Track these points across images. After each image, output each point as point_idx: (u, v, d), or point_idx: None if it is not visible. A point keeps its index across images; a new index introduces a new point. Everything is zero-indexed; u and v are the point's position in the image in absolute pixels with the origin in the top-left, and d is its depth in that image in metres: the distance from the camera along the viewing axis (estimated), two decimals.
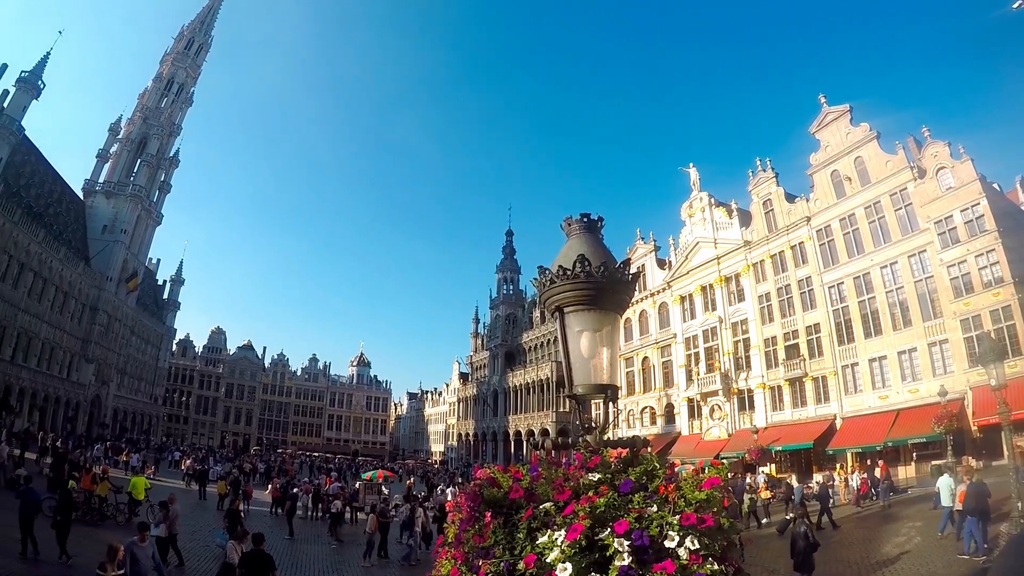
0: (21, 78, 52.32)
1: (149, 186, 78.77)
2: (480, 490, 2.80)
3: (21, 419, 49.37)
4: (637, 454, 2.82)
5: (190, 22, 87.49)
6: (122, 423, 73.18)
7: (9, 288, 51.79)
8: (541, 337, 69.97)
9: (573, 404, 3.67)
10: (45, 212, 61.01)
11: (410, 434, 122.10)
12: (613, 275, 3.31)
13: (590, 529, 2.25)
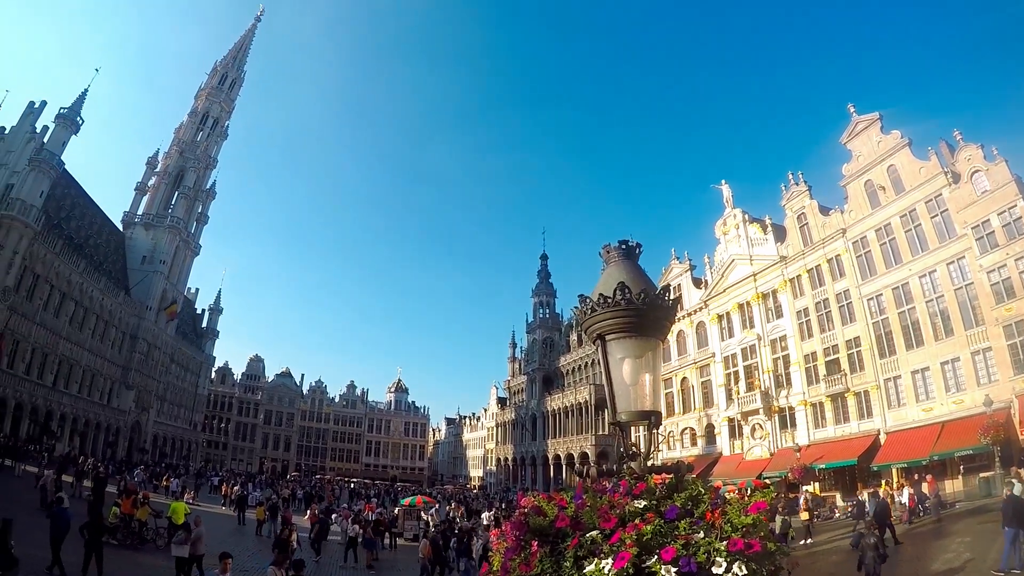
0: (60, 114, 53.65)
1: (187, 217, 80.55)
2: (526, 519, 2.81)
3: (62, 443, 50.33)
4: (681, 479, 2.81)
5: (223, 58, 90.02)
6: (162, 448, 73.96)
7: (51, 317, 53.29)
8: (578, 360, 69.51)
9: (614, 427, 3.54)
10: (85, 243, 62.71)
11: (448, 459, 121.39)
12: (654, 302, 3.32)
13: (637, 557, 2.24)
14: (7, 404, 47.04)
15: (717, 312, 49.57)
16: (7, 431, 44.73)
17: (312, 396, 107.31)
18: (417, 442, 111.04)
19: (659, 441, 3.30)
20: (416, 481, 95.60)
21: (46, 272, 52.08)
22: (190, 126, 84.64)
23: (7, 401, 46.99)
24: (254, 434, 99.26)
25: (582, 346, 68.93)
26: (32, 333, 50.51)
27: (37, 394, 50.90)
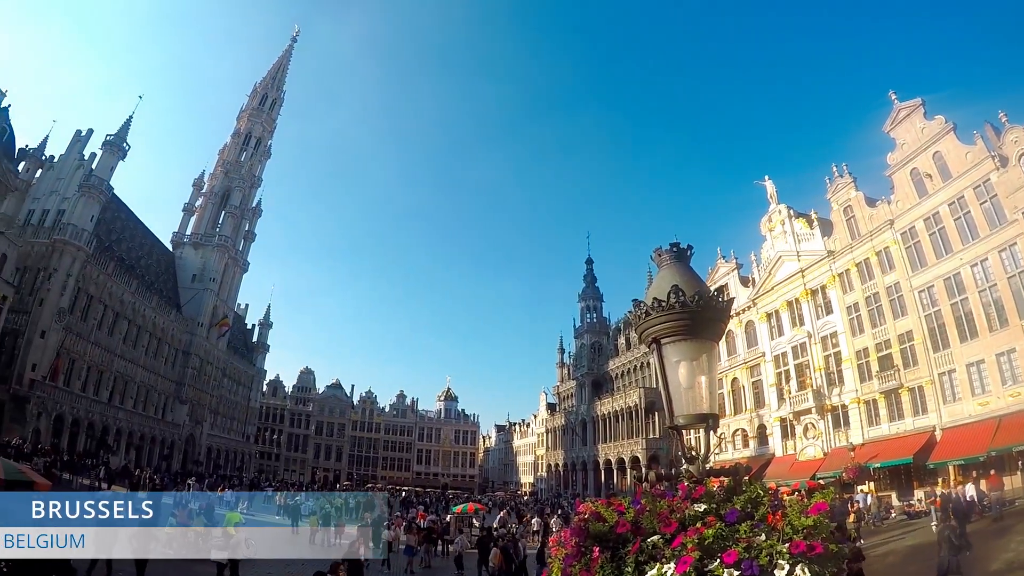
0: (107, 141, 55.73)
1: (234, 235, 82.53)
2: (586, 525, 2.81)
3: (118, 457, 52.20)
4: (740, 482, 2.81)
5: (262, 79, 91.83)
6: (216, 460, 75.57)
7: (105, 336, 55.45)
8: (627, 364, 69.26)
9: (667, 431, 3.57)
10: (137, 264, 64.98)
11: (499, 466, 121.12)
12: (708, 303, 3.30)
13: (699, 561, 2.23)
14: (64, 420, 49.06)
15: (766, 311, 48.72)
16: (65, 446, 46.66)
17: (362, 406, 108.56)
18: (467, 449, 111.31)
19: (720, 443, 3.12)
20: (467, 488, 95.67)
21: (99, 293, 54.21)
22: (233, 147, 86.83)
23: (64, 417, 49.01)
24: (306, 445, 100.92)
25: (631, 350, 68.71)
26: (87, 352, 52.62)
27: (93, 410, 52.93)
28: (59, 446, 45.14)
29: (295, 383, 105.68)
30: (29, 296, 47.24)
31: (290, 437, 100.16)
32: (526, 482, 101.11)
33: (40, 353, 46.53)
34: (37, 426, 45.18)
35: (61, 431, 48.50)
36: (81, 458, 43.90)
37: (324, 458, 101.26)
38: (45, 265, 48.76)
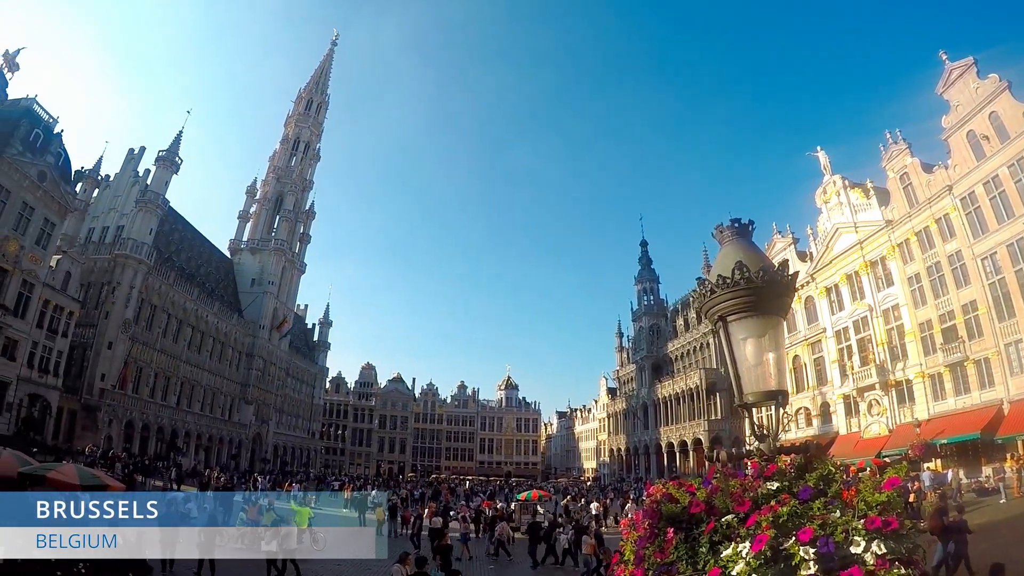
0: (159, 157, 57.75)
1: (290, 239, 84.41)
2: (658, 506, 2.82)
3: (188, 458, 54.66)
4: (811, 459, 2.78)
5: (306, 84, 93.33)
6: (283, 457, 78.08)
7: (170, 343, 58.02)
8: (687, 345, 68.51)
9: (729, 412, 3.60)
10: (197, 272, 67.55)
11: (561, 453, 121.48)
12: (773, 278, 3.26)
13: (774, 539, 2.22)
14: (135, 426, 51.64)
15: (825, 285, 47.48)
16: (136, 450, 49.16)
17: (424, 398, 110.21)
18: (529, 437, 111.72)
19: (786, 421, 3.13)
20: (530, 476, 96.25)
21: (162, 302, 56.73)
22: (283, 152, 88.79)
23: (134, 423, 51.59)
24: (370, 439, 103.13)
25: (689, 331, 68.08)
26: (154, 359, 55.21)
27: (162, 414, 55.57)
28: (131, 451, 47.56)
29: (357, 379, 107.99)
30: (95, 310, 49.87)
31: (354, 432, 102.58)
32: (588, 468, 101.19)
33: (108, 363, 49.12)
34: (109, 432, 47.69)
35: (132, 436, 51.09)
36: (153, 461, 45.99)
37: (388, 451, 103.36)
38: (108, 279, 51.32)
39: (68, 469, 12.94)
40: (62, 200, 42.29)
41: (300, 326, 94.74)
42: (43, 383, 41.99)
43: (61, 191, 41.98)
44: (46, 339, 42.40)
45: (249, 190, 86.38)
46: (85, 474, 12.64)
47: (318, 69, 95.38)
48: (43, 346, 42.22)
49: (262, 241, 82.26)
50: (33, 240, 39.96)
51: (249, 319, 74.11)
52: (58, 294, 43.49)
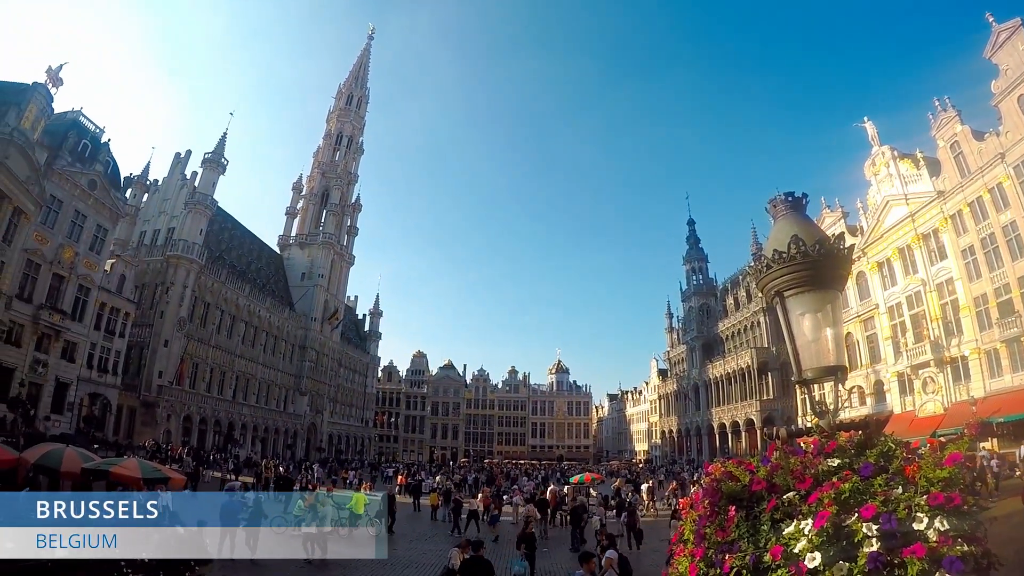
0: (206, 159, 59.51)
1: (337, 232, 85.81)
2: (719, 485, 2.84)
3: (245, 449, 56.73)
4: (871, 435, 2.78)
5: (345, 80, 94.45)
6: (337, 446, 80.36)
7: (225, 338, 60.13)
8: (737, 324, 67.80)
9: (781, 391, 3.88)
10: (248, 269, 69.65)
11: (613, 435, 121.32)
12: (829, 252, 3.25)
13: (836, 516, 2.23)
14: (192, 420, 53.93)
15: (876, 260, 46.02)
16: (195, 443, 51.28)
17: (476, 384, 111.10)
18: (581, 420, 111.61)
19: (845, 397, 3.33)
20: (582, 459, 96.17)
21: (215, 300, 58.78)
22: (327, 148, 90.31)
23: (192, 417, 53.87)
24: (422, 425, 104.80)
25: (740, 310, 67.41)
26: (209, 355, 57.35)
27: (219, 408, 57.82)
28: (190, 444, 49.61)
29: (409, 367, 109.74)
30: (150, 310, 52.07)
31: (407, 419, 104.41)
32: (640, 450, 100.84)
33: (165, 361, 51.26)
34: (168, 427, 49.98)
35: (190, 430, 53.43)
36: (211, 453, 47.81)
37: (441, 437, 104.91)
38: (162, 280, 53.45)
39: (131, 463, 13.55)
40: (113, 206, 44.12)
41: (351, 317, 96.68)
42: (103, 382, 44.23)
43: (112, 198, 43.78)
44: (104, 340, 44.59)
45: (295, 186, 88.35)
46: (147, 467, 13.26)
47: (356, 64, 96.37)
48: (101, 347, 44.43)
49: (310, 235, 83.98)
50: (87, 246, 41.90)
51: (301, 312, 76.02)
52: (114, 296, 45.60)
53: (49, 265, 38.76)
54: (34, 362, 37.87)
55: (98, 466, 13.30)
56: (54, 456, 13.26)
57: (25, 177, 34.66)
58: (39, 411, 37.22)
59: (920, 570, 1.96)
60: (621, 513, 22.35)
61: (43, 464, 13.27)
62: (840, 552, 2.13)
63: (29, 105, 35.24)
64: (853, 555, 2.10)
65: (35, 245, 37.62)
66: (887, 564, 2.03)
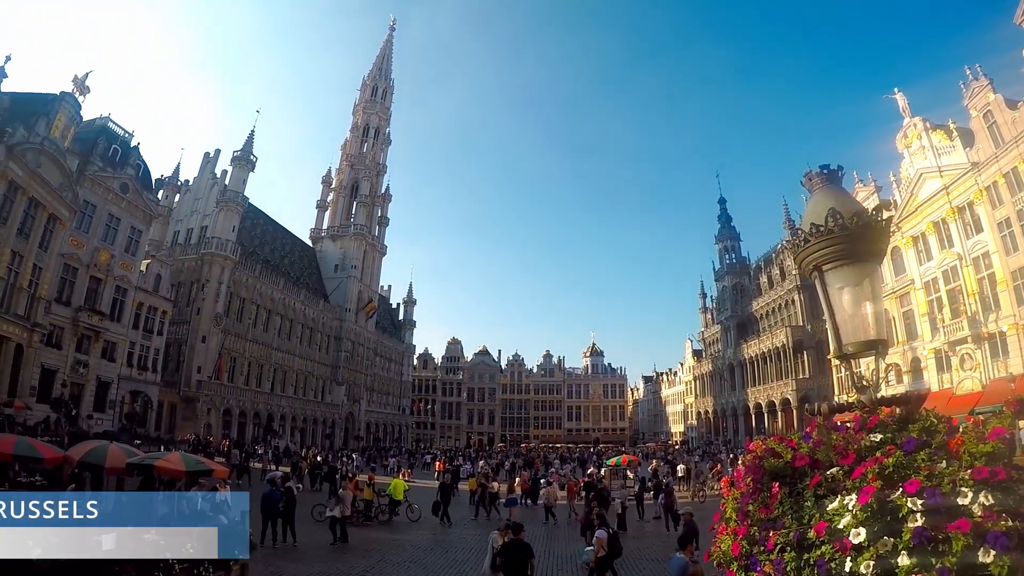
0: (235, 157, 60.29)
1: (368, 223, 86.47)
2: (761, 461, 2.83)
3: (284, 440, 58.06)
4: (913, 410, 2.77)
5: (369, 72, 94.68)
6: (375, 434, 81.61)
7: (261, 332, 61.28)
8: (772, 303, 67.17)
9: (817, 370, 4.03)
10: (281, 263, 70.65)
11: (648, 417, 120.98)
12: (867, 223, 3.21)
13: (880, 491, 2.22)
14: (232, 413, 55.20)
15: (911, 234, 44.63)
16: (235, 435, 52.54)
17: (511, 369, 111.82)
18: (616, 403, 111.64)
19: (885, 371, 3.33)
20: (618, 442, 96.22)
21: (250, 295, 59.87)
22: (354, 140, 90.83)
23: (231, 410, 55.15)
24: (459, 412, 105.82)
25: (774, 288, 66.79)
26: (246, 349, 58.55)
27: (258, 400, 59.08)
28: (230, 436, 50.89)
29: (444, 354, 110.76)
30: (187, 307, 53.34)
31: (443, 406, 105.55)
32: (676, 431, 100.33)
33: (203, 356, 52.53)
34: (208, 421, 51.24)
35: (230, 423, 54.64)
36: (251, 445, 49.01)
37: (477, 423, 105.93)
38: (197, 278, 54.63)
39: (174, 457, 13.76)
40: (146, 208, 45.26)
41: (385, 306, 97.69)
42: (143, 380, 45.54)
43: (144, 199, 44.91)
44: (143, 338, 45.88)
45: (325, 179, 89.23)
46: (190, 460, 13.46)
47: (379, 56, 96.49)
48: (141, 345, 45.72)
49: (342, 227, 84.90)
50: (123, 248, 43.09)
51: (335, 303, 77.01)
52: (151, 296, 46.83)
53: (86, 268, 40.04)
54: (75, 363, 39.27)
55: (142, 460, 13.51)
56: (98, 453, 13.52)
57: (58, 184, 35.83)
58: (82, 410, 38.50)
59: (965, 545, 1.95)
60: (659, 495, 22.41)
61: (88, 461, 13.53)
62: (884, 527, 2.12)
63: (58, 114, 36.20)
64: (898, 530, 2.09)
65: (71, 249, 38.89)
66: (932, 539, 2.01)
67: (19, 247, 34.14)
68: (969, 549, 1.94)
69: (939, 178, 41.50)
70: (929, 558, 1.99)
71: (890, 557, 2.05)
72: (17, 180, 33.21)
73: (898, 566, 2.02)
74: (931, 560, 1.98)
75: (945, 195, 40.99)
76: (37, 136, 34.47)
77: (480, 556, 13.39)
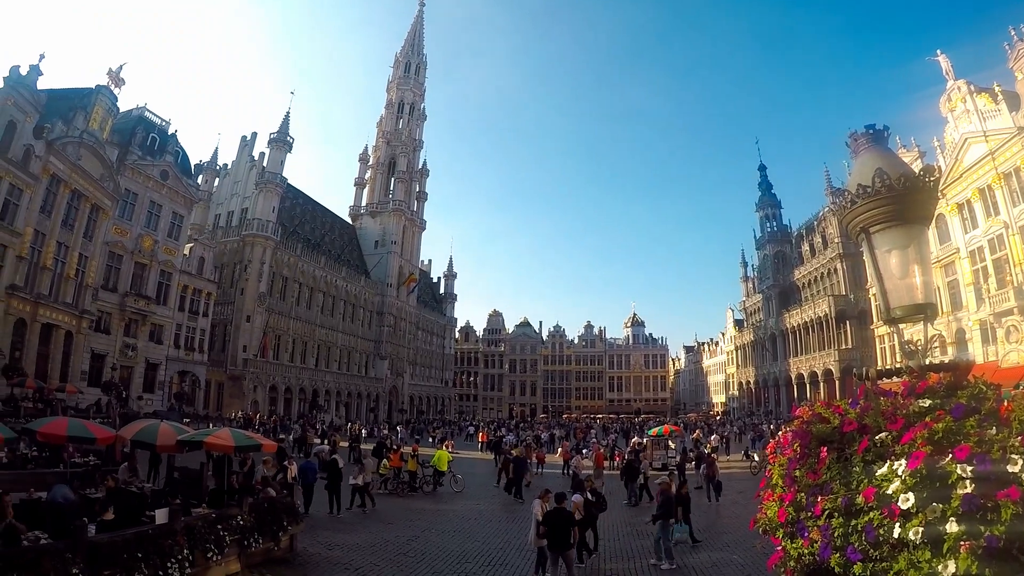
0: (272, 139, 60.87)
1: (407, 199, 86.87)
2: (809, 427, 2.82)
3: (329, 415, 59.81)
4: (961, 378, 2.74)
5: (401, 48, 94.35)
6: (418, 407, 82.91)
7: (304, 309, 62.68)
8: (814, 272, 65.65)
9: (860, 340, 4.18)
10: (321, 241, 71.60)
11: (690, 388, 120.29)
12: (915, 184, 3.16)
13: (929, 456, 2.20)
14: (278, 389, 56.79)
15: (956, 201, 42.75)
16: (281, 411, 54.30)
17: (552, 340, 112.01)
18: (657, 373, 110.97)
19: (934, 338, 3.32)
20: (659, 412, 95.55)
21: (292, 273, 61.14)
22: (389, 117, 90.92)
23: (277, 387, 56.74)
24: (501, 383, 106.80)
25: (816, 256, 65.37)
26: (290, 327, 60.01)
27: (303, 376, 60.60)
28: (277, 412, 52.66)
29: (485, 326, 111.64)
30: (231, 288, 54.75)
31: (485, 378, 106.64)
32: (717, 402, 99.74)
33: (248, 335, 54.05)
34: (255, 398, 52.75)
35: (276, 399, 56.16)
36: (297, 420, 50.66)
37: (519, 394, 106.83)
38: (240, 259, 55.91)
39: (223, 433, 13.72)
40: (186, 193, 46.59)
41: (426, 281, 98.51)
42: (190, 360, 47.21)
43: (184, 185, 46.22)
44: (189, 320, 47.52)
45: (362, 157, 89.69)
46: (239, 436, 13.57)
47: (410, 32, 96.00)
48: (187, 327, 47.36)
49: (380, 204, 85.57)
50: (165, 233, 44.53)
51: (376, 279, 77.97)
52: (195, 278, 48.35)
53: (130, 255, 41.57)
54: (124, 346, 40.96)
55: (192, 437, 13.48)
56: (150, 431, 13.64)
57: (99, 175, 37.17)
58: (131, 392, 40.13)
59: (1014, 513, 1.92)
60: (700, 465, 22.57)
61: (140, 440, 13.78)
62: (933, 494, 2.09)
63: (95, 107, 37.31)
64: (946, 497, 2.05)
65: (115, 238, 40.37)
66: (981, 507, 1.99)
67: (64, 238, 35.57)
68: (1018, 517, 1.92)
69: (984, 143, 39.71)
70: (978, 526, 1.97)
71: (938, 524, 2.03)
72: (59, 173, 34.52)
73: (946, 533, 2.00)
74: (980, 528, 1.96)
75: (991, 160, 39.23)
76: (76, 130, 35.66)
77: (524, 526, 13.65)
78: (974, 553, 1.92)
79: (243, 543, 10.58)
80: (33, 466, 16.17)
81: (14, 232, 31.90)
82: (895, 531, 2.11)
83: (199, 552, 9.21)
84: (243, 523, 10.68)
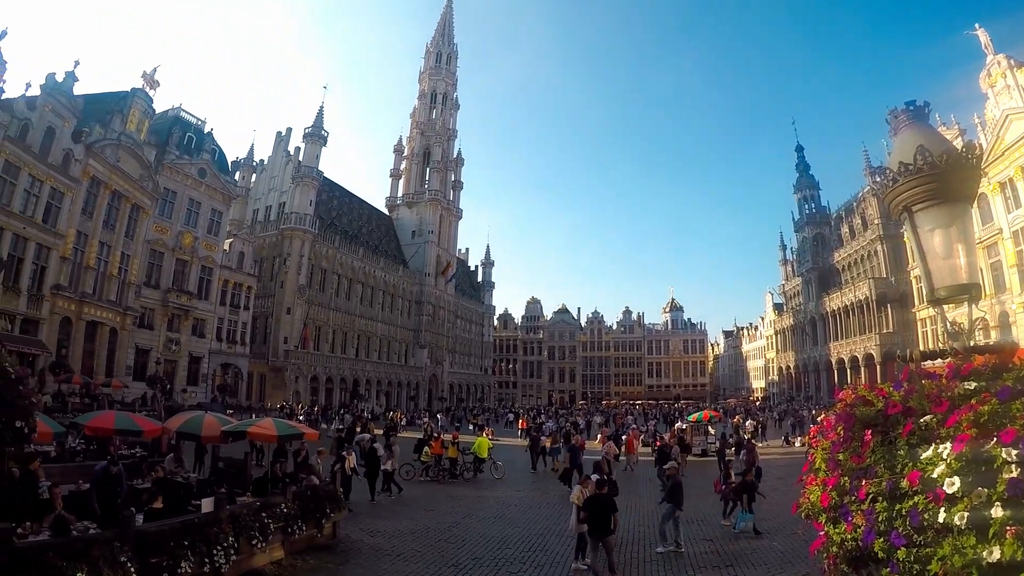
0: (307, 134, 61.60)
1: (443, 188, 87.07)
2: (852, 410, 2.81)
3: (370, 403, 60.60)
4: (1006, 360, 2.67)
5: (432, 38, 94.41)
6: (458, 395, 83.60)
7: (344, 300, 63.58)
8: (854, 254, 64.33)
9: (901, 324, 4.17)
10: (359, 233, 72.36)
11: (729, 373, 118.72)
12: (957, 161, 3.08)
13: (975, 440, 2.15)
14: (319, 379, 57.70)
15: (998, 180, 41.44)
16: (322, 401, 55.19)
17: (590, 327, 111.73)
18: (696, 359, 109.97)
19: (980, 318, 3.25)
20: (699, 398, 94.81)
21: (331, 265, 62.02)
22: (422, 107, 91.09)
23: (319, 377, 57.66)
24: (540, 370, 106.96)
25: (855, 238, 64.05)
26: (330, 318, 60.97)
27: (344, 366, 61.52)
28: (318, 402, 53.55)
29: (523, 313, 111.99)
30: (271, 281, 55.78)
31: (524, 365, 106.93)
32: (757, 387, 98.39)
33: (289, 327, 55.03)
34: (296, 388, 53.76)
35: (317, 389, 57.07)
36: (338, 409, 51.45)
37: (558, 381, 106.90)
38: (279, 252, 56.90)
39: (266, 422, 14.08)
40: (224, 190, 47.48)
41: (463, 269, 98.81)
42: (233, 352, 48.31)
43: (221, 182, 47.11)
44: (230, 313, 48.57)
45: (396, 148, 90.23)
46: (282, 425, 13.82)
47: (440, 22, 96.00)
48: (228, 320, 48.44)
49: (416, 194, 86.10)
50: (205, 229, 45.51)
51: (414, 269, 78.70)
52: (235, 273, 49.33)
53: (171, 252, 42.63)
54: (167, 341, 42.10)
55: (236, 427, 13.91)
56: (195, 422, 13.97)
57: (138, 175, 38.18)
58: (175, 385, 41.29)
59: None
60: (740, 451, 22.40)
61: (185, 431, 14.11)
62: (979, 478, 2.03)
63: (131, 109, 38.36)
64: (992, 481, 1.99)
65: (156, 235, 41.45)
66: None
67: (106, 238, 36.68)
68: None
69: None
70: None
71: (983, 508, 1.98)
72: (99, 175, 35.55)
73: (992, 518, 1.94)
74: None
75: None
76: (113, 132, 36.69)
77: (563, 512, 13.65)
78: (1020, 538, 1.85)
79: (287, 530, 10.76)
80: (81, 459, 16.59)
81: (56, 234, 32.95)
82: (940, 516, 2.05)
83: (244, 539, 9.36)
84: (287, 510, 10.84)
